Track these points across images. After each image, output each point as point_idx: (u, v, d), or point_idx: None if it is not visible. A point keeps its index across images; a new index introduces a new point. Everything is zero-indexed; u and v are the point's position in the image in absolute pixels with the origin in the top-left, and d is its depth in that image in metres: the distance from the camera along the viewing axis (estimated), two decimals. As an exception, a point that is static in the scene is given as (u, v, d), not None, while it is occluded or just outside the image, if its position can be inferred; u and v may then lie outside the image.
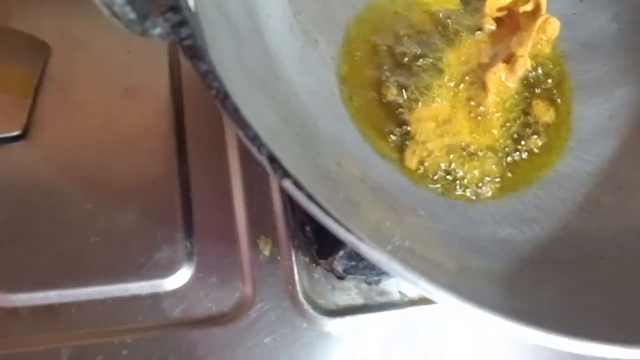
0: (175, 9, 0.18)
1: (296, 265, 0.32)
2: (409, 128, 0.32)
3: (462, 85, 0.34)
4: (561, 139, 0.34)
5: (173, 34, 0.18)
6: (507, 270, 0.26)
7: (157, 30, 0.19)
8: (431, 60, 0.34)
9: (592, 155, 0.34)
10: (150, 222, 0.31)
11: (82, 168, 0.32)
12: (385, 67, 0.34)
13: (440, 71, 0.34)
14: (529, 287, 0.25)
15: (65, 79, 0.34)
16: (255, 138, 0.18)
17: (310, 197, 0.17)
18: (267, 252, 0.31)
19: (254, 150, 0.18)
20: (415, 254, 0.23)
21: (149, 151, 0.33)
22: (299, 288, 0.31)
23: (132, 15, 0.17)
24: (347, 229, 0.17)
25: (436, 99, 0.33)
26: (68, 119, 0.33)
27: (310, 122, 0.29)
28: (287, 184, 0.17)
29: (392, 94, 0.33)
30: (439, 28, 0.36)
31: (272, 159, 0.17)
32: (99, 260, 0.29)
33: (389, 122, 0.33)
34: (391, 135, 0.32)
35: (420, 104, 0.33)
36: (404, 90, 0.33)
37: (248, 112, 0.19)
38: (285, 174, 0.17)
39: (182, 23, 0.18)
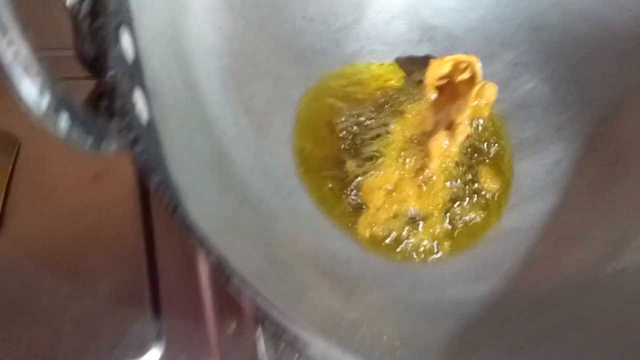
0: (129, 127, 0.21)
1: (263, 337, 0.33)
2: (360, 198, 0.35)
3: (408, 154, 0.37)
4: (504, 197, 0.37)
5: (128, 149, 0.21)
6: (452, 334, 0.28)
7: (114, 147, 0.21)
8: (379, 131, 0.37)
9: (534, 209, 0.36)
10: (120, 304, 0.32)
11: (55, 255, 0.33)
12: (338, 141, 0.37)
13: (388, 141, 0.37)
14: (470, 351, 0.26)
15: (36, 168, 0.36)
16: (203, 243, 0.20)
17: (257, 294, 0.19)
18: (233, 327, 0.33)
19: (203, 254, 0.20)
20: (363, 334, 0.25)
21: (117, 234, 0.34)
22: None
23: (89, 141, 0.19)
24: (291, 319, 0.19)
25: (385, 168, 0.36)
26: (40, 208, 0.35)
27: (265, 202, 0.31)
28: (234, 283, 0.19)
29: (345, 165, 0.36)
30: (386, 100, 0.39)
31: (220, 262, 0.19)
32: (73, 346, 0.31)
33: (342, 192, 0.35)
34: (345, 205, 0.35)
35: (370, 173, 0.35)
36: (355, 162, 0.36)
37: (200, 211, 0.21)
38: (232, 273, 0.19)
39: (136, 140, 0.20)
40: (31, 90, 0.16)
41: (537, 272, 0.33)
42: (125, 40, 0.23)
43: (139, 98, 0.22)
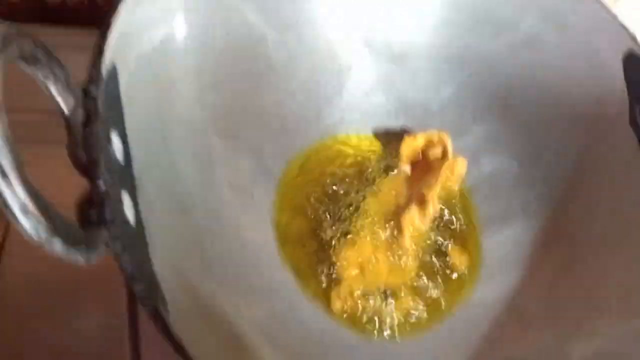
0: (116, 238, 0.22)
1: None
2: (334, 271, 0.36)
3: (381, 227, 0.38)
4: (472, 273, 0.39)
5: (114, 260, 0.22)
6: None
7: (101, 254, 0.22)
8: (354, 204, 0.39)
9: (496, 286, 0.38)
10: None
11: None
12: (316, 212, 0.38)
13: (364, 214, 0.39)
14: None
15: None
16: (182, 350, 0.21)
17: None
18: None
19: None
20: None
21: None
22: None
23: (81, 260, 0.20)
24: None
25: (359, 241, 0.37)
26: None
27: (243, 279, 0.32)
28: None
29: (322, 237, 0.38)
30: (362, 172, 0.41)
31: None
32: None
33: (319, 265, 0.37)
34: (321, 278, 0.36)
35: (345, 247, 0.37)
36: (331, 233, 0.38)
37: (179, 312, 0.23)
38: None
39: (123, 250, 0.22)
40: (26, 224, 0.18)
41: (497, 350, 0.35)
42: (115, 143, 0.25)
43: (125, 201, 0.24)
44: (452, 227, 0.40)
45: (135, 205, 0.25)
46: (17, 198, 0.17)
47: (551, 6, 0.41)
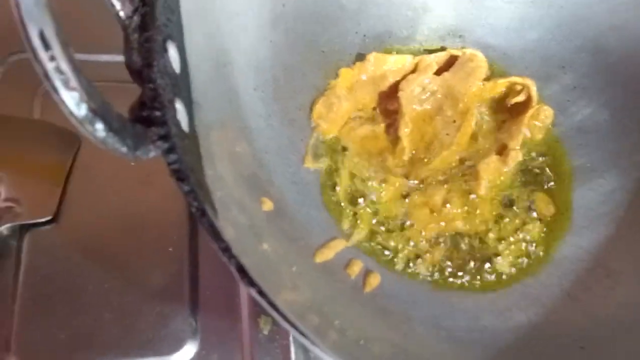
0: (165, 137, 0.22)
1: (293, 344, 0.34)
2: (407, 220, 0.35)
3: (457, 172, 0.36)
4: (557, 227, 0.36)
5: (163, 157, 0.22)
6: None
7: (151, 154, 0.22)
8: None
9: (584, 241, 0.35)
10: (160, 300, 0.34)
11: (103, 250, 0.35)
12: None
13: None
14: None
15: (93, 167, 0.38)
16: (226, 250, 0.20)
17: (272, 305, 0.20)
18: (266, 331, 0.34)
19: (225, 261, 0.20)
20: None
21: (163, 233, 0.36)
22: (296, 366, 0.33)
23: (124, 150, 0.20)
24: (303, 334, 0.20)
25: (432, 185, 0.35)
26: (94, 204, 0.37)
27: (297, 215, 0.32)
28: (252, 292, 0.20)
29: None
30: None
31: (240, 269, 0.20)
32: (111, 336, 0.32)
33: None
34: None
35: (416, 192, 0.35)
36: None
37: (228, 221, 0.22)
38: (250, 283, 0.20)
39: (171, 149, 0.21)
40: (69, 101, 0.17)
41: (580, 306, 0.32)
42: (172, 54, 0.24)
43: (179, 109, 0.24)
44: (540, 177, 0.37)
45: (190, 117, 0.25)
46: (60, 71, 0.17)
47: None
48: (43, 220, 0.35)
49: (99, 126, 0.18)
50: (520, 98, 0.38)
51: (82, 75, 0.18)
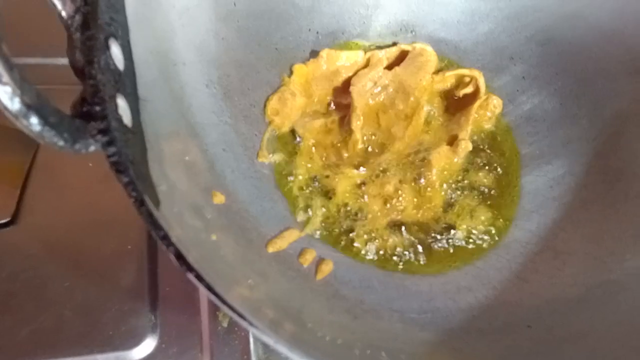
0: (104, 131, 0.22)
1: (252, 336, 0.34)
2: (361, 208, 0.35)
3: (407, 162, 0.37)
4: (506, 212, 0.37)
5: (102, 150, 0.22)
6: (429, 343, 0.28)
7: (91, 148, 0.23)
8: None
9: (533, 225, 0.36)
10: (120, 296, 0.34)
11: (64, 248, 0.36)
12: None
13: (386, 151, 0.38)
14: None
15: (53, 167, 0.38)
16: (164, 238, 0.21)
17: (209, 288, 0.20)
18: (225, 324, 0.34)
19: (164, 249, 0.21)
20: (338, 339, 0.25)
21: (122, 231, 0.37)
22: (253, 357, 0.34)
23: (61, 143, 0.21)
24: (242, 316, 0.20)
25: (385, 175, 0.36)
26: (53, 203, 0.37)
27: (249, 209, 0.32)
28: (190, 277, 0.21)
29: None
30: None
31: (178, 256, 0.21)
32: (73, 332, 0.33)
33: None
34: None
35: (370, 182, 0.36)
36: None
37: (173, 213, 0.23)
38: (188, 268, 0.21)
39: (110, 143, 0.22)
40: (2, 95, 0.18)
41: (529, 287, 0.33)
42: (115, 51, 0.25)
43: (121, 104, 0.24)
44: (489, 165, 0.38)
45: (135, 113, 0.25)
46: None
47: None
48: (1, 222, 0.35)
49: (34, 120, 0.19)
50: (469, 89, 0.39)
51: (16, 71, 0.18)
